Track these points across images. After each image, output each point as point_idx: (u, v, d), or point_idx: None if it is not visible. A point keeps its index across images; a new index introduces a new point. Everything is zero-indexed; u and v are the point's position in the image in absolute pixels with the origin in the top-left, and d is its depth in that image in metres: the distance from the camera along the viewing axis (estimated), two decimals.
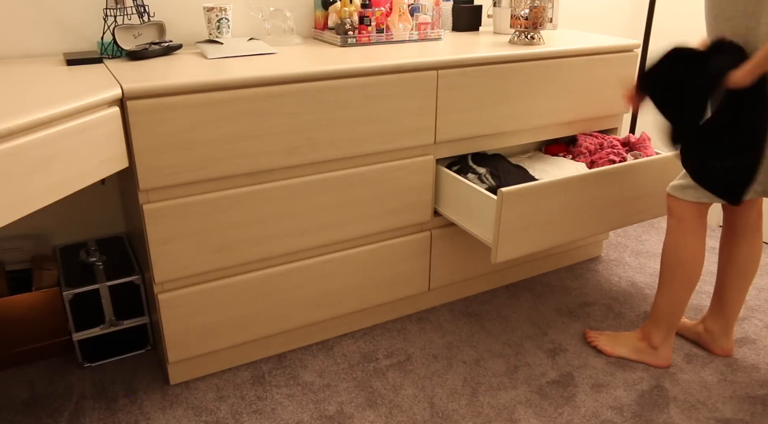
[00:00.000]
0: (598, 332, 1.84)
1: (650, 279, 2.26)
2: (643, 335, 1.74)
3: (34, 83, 1.38)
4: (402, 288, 1.93)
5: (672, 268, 1.61)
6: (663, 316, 1.68)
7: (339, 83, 1.57)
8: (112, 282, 1.73)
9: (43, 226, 1.89)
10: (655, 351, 1.70)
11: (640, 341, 1.73)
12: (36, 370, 1.75)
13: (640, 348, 1.73)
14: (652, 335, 1.70)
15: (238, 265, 1.63)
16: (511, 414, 1.61)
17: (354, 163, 1.70)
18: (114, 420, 1.58)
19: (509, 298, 2.14)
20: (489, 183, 1.76)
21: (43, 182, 1.16)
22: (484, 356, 1.84)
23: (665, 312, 1.67)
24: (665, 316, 1.67)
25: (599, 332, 1.84)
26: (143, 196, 1.46)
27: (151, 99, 1.38)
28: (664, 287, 1.66)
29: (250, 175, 1.57)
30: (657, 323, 1.69)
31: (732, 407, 1.64)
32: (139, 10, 1.71)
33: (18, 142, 1.09)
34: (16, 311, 1.69)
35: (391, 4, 1.97)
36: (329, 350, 1.86)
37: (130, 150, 1.41)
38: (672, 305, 1.65)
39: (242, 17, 1.98)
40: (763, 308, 2.09)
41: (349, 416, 1.60)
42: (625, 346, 1.75)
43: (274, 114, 1.52)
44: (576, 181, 1.67)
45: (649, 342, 1.70)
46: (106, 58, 1.67)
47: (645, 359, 1.72)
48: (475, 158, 1.86)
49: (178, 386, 1.70)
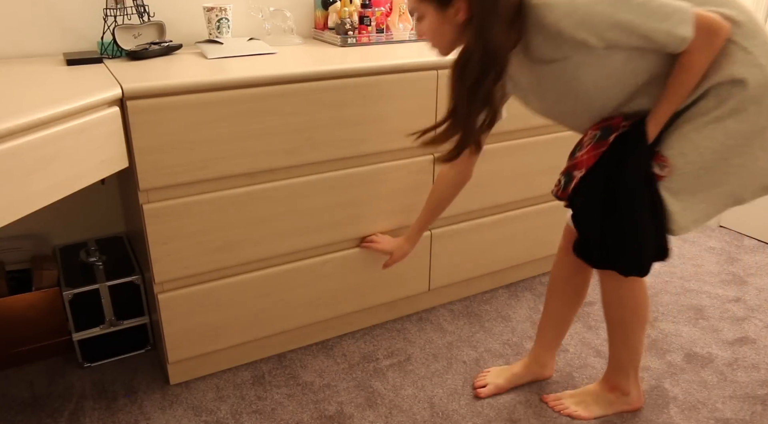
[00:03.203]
0: (556, 396, 1.65)
1: (650, 279, 2.26)
2: (610, 386, 1.60)
3: (34, 83, 1.38)
4: (402, 288, 1.93)
5: (623, 319, 1.50)
6: (626, 362, 1.55)
7: (339, 83, 1.57)
8: (112, 282, 1.73)
9: (43, 226, 1.89)
10: (628, 397, 1.60)
11: (610, 393, 1.61)
12: (36, 370, 1.75)
13: (612, 401, 1.61)
14: (621, 384, 1.58)
15: (238, 265, 1.63)
16: (511, 414, 1.61)
17: (354, 163, 1.70)
18: (114, 420, 1.58)
19: (509, 298, 2.14)
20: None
21: (43, 182, 1.16)
22: (484, 356, 1.84)
23: (628, 359, 1.55)
24: (629, 362, 1.56)
25: (557, 396, 1.65)
26: (143, 196, 1.46)
27: (151, 99, 1.38)
28: (620, 339, 1.53)
29: (250, 175, 1.56)
30: (622, 371, 1.57)
31: (732, 407, 1.64)
32: (139, 10, 1.71)
33: (18, 142, 1.09)
34: (16, 311, 1.69)
35: (391, 4, 1.97)
36: (329, 350, 1.86)
37: (130, 150, 1.41)
38: (633, 350, 1.53)
39: (242, 17, 1.98)
40: (763, 308, 2.09)
41: (349, 416, 1.60)
42: (598, 404, 1.62)
43: (274, 114, 1.52)
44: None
45: (621, 391, 1.59)
46: (106, 58, 1.67)
47: (621, 409, 1.61)
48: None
49: (178, 386, 1.70)
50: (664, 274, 2.30)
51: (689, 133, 1.26)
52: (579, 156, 1.35)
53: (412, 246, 1.77)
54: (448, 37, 1.28)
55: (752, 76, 1.21)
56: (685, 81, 1.22)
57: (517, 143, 1.94)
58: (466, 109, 1.30)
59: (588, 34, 1.16)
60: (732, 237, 2.60)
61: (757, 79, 1.21)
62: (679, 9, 1.16)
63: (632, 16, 1.15)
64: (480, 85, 1.26)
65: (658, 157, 1.29)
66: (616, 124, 1.31)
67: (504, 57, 1.24)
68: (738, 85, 1.22)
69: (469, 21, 1.23)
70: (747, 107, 1.22)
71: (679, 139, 1.27)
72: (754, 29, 1.22)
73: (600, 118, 1.35)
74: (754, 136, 1.25)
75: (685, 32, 1.16)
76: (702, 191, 1.30)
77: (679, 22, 1.16)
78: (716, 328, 1.98)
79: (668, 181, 1.29)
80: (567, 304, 1.63)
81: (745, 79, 1.21)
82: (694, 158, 1.26)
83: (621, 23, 1.15)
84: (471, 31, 1.23)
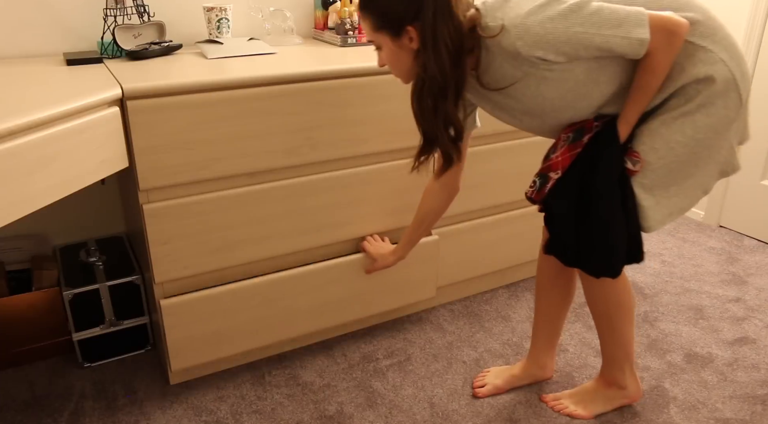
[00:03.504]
0: (555, 396, 1.66)
1: (650, 279, 2.26)
2: (607, 382, 1.61)
3: (34, 83, 1.38)
4: (409, 294, 1.91)
5: (608, 313, 1.51)
6: (618, 356, 1.56)
7: (339, 83, 1.57)
8: (112, 282, 1.73)
9: (43, 226, 1.89)
10: (626, 390, 1.59)
11: (608, 389, 1.61)
12: (36, 370, 1.75)
13: (611, 396, 1.61)
14: (617, 379, 1.58)
15: (239, 265, 1.63)
16: (511, 414, 1.61)
17: (354, 163, 1.69)
18: (114, 420, 1.58)
19: (509, 298, 2.14)
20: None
21: (43, 182, 1.16)
22: (484, 356, 1.84)
23: (620, 352, 1.55)
24: (622, 355, 1.56)
25: (557, 396, 1.66)
26: (143, 196, 1.46)
27: (151, 99, 1.38)
28: (608, 333, 1.53)
29: (250, 175, 1.56)
30: (616, 366, 1.57)
31: (732, 407, 1.64)
32: (139, 10, 1.71)
33: (18, 142, 1.09)
34: (16, 311, 1.69)
35: None
36: (329, 350, 1.86)
37: (130, 150, 1.41)
38: (623, 344, 1.53)
39: (242, 17, 1.98)
40: (763, 308, 2.09)
41: (349, 416, 1.60)
42: (596, 401, 1.62)
43: (274, 114, 1.52)
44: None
45: (618, 386, 1.59)
46: (106, 58, 1.67)
47: (621, 403, 1.62)
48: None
49: (178, 386, 1.70)
50: (664, 274, 2.30)
51: (659, 129, 1.29)
52: (554, 158, 1.37)
53: (396, 259, 1.75)
54: (406, 65, 1.31)
55: (718, 73, 1.23)
56: (649, 82, 1.24)
57: (517, 143, 1.94)
58: (432, 130, 1.34)
59: (545, 52, 1.18)
60: (732, 237, 2.59)
61: (722, 75, 1.23)
62: (632, 13, 1.17)
63: (584, 27, 1.16)
64: (437, 109, 1.30)
65: (631, 153, 1.31)
66: (589, 125, 1.33)
67: (458, 80, 1.26)
68: (704, 82, 1.24)
69: (421, 48, 1.25)
70: (714, 101, 1.25)
71: (650, 135, 1.30)
72: (713, 26, 1.25)
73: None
74: (722, 129, 1.28)
75: (641, 35, 1.17)
76: (674, 185, 1.33)
77: (634, 26, 1.17)
78: (716, 328, 1.98)
79: (641, 176, 1.31)
80: (556, 303, 1.64)
81: (712, 76, 1.23)
82: (665, 153, 1.29)
83: (575, 36, 1.16)
84: (422, 57, 1.25)
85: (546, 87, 1.26)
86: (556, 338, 1.70)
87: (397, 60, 1.31)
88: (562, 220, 1.38)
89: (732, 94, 1.25)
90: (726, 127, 1.29)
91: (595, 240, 1.34)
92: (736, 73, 1.25)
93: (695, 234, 2.62)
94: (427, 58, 1.24)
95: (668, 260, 2.40)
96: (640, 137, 1.31)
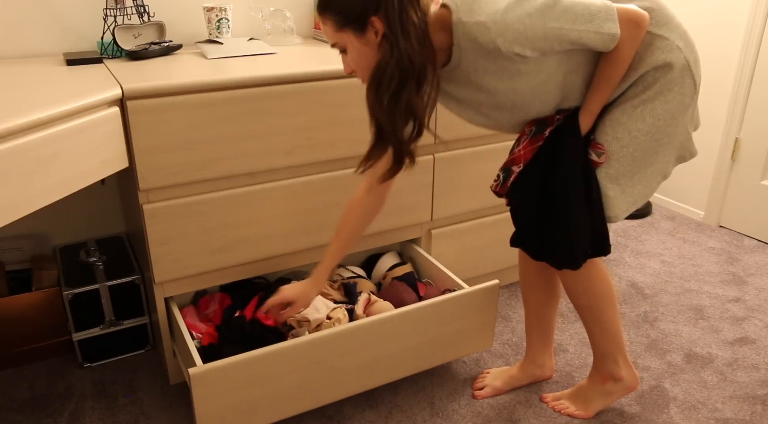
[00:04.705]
0: (555, 396, 1.65)
1: (650, 279, 2.26)
2: (602, 377, 1.59)
3: (34, 83, 1.38)
4: (467, 344, 1.69)
5: (590, 306, 1.49)
6: (610, 348, 1.54)
7: (339, 83, 1.57)
8: (112, 282, 1.73)
9: (43, 226, 1.89)
10: (623, 381, 1.58)
11: (605, 385, 1.58)
12: (36, 370, 1.75)
13: (609, 390, 1.59)
14: (612, 371, 1.57)
15: (239, 265, 1.63)
16: (511, 414, 1.61)
17: (354, 164, 1.68)
18: (114, 420, 1.58)
19: (509, 298, 2.14)
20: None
21: (43, 182, 1.16)
22: (484, 356, 1.84)
23: (611, 344, 1.54)
24: (613, 346, 1.55)
25: (556, 396, 1.65)
26: (143, 196, 1.46)
27: (151, 99, 1.38)
28: (595, 326, 1.52)
29: (250, 175, 1.57)
30: (608, 358, 1.56)
31: (732, 407, 1.64)
32: (139, 10, 1.71)
33: (18, 142, 1.09)
34: (16, 311, 1.69)
35: None
36: None
37: (130, 150, 1.41)
38: (612, 333, 1.52)
39: (242, 17, 1.98)
40: (763, 308, 2.09)
41: (349, 417, 1.60)
42: (596, 398, 1.59)
43: (274, 114, 1.52)
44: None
45: (613, 379, 1.58)
46: (106, 58, 1.67)
47: (620, 395, 1.61)
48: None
49: (178, 386, 1.70)
50: (664, 274, 2.30)
51: (620, 118, 1.31)
52: (517, 151, 1.38)
53: (320, 287, 1.55)
54: (374, 62, 1.25)
55: (675, 59, 1.27)
56: (612, 74, 1.27)
57: None
58: (389, 122, 1.27)
59: (522, 48, 1.19)
60: (732, 237, 2.60)
61: (679, 61, 1.27)
62: (603, 8, 1.20)
63: (560, 23, 1.18)
64: (399, 96, 1.24)
65: (594, 145, 1.33)
66: (551, 119, 1.35)
67: (422, 65, 1.23)
68: (662, 70, 1.28)
69: (384, 37, 1.22)
70: (671, 88, 1.29)
71: (612, 125, 1.32)
72: (667, 14, 1.29)
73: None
74: (678, 115, 1.32)
75: (612, 29, 1.20)
76: (638, 173, 1.36)
77: (605, 21, 1.19)
78: (716, 328, 1.98)
79: (607, 167, 1.33)
80: (543, 301, 1.65)
81: (670, 63, 1.27)
82: (627, 142, 1.31)
83: (551, 32, 1.18)
84: (386, 44, 1.22)
85: (519, 80, 1.27)
86: (551, 336, 1.70)
87: (364, 58, 1.27)
88: (524, 212, 1.40)
89: (687, 80, 1.29)
90: (682, 112, 1.32)
91: (555, 233, 1.36)
92: (690, 59, 1.29)
93: (695, 234, 2.62)
94: (394, 42, 1.20)
95: (668, 260, 2.40)
96: (602, 128, 1.33)
